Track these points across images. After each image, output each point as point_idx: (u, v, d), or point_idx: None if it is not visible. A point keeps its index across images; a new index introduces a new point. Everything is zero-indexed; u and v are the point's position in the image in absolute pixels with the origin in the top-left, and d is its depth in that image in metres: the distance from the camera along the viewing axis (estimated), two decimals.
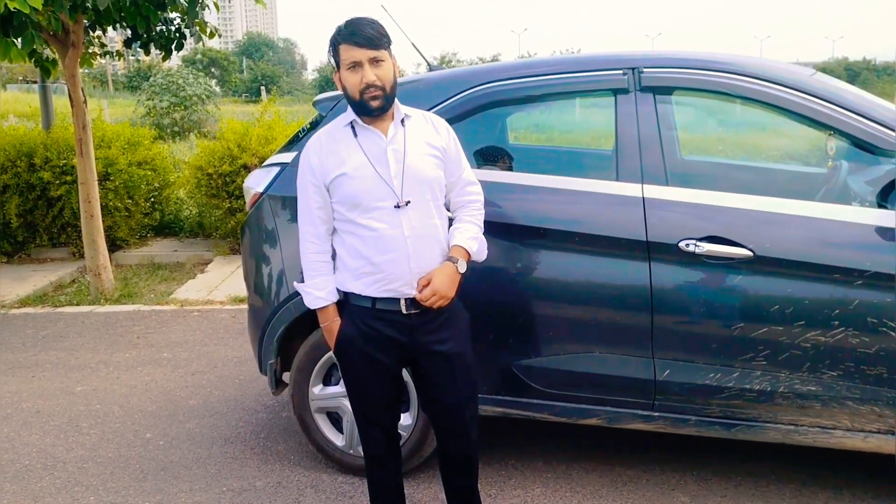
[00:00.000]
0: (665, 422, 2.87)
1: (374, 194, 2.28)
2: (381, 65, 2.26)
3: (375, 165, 2.29)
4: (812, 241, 2.62)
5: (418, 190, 2.32)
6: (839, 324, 2.58)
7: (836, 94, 2.77)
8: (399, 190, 2.29)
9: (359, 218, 2.31)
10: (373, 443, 2.56)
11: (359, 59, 2.23)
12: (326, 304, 2.42)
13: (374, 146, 2.31)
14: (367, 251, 2.31)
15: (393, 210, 2.28)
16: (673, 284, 2.74)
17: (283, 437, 3.61)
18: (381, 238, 2.29)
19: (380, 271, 2.31)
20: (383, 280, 2.32)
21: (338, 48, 2.26)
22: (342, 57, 2.26)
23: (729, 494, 3.02)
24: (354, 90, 2.26)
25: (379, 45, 2.25)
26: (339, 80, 2.32)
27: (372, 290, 2.34)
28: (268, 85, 44.73)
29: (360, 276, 2.34)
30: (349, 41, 2.23)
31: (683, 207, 2.75)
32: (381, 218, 2.29)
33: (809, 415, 2.71)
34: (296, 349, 3.19)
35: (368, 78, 2.23)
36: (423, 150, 2.35)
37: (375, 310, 2.35)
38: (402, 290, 2.32)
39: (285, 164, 3.22)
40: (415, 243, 2.30)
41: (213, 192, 7.18)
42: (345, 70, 2.27)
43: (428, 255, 2.34)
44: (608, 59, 3.00)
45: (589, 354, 2.88)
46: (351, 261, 2.35)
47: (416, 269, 2.31)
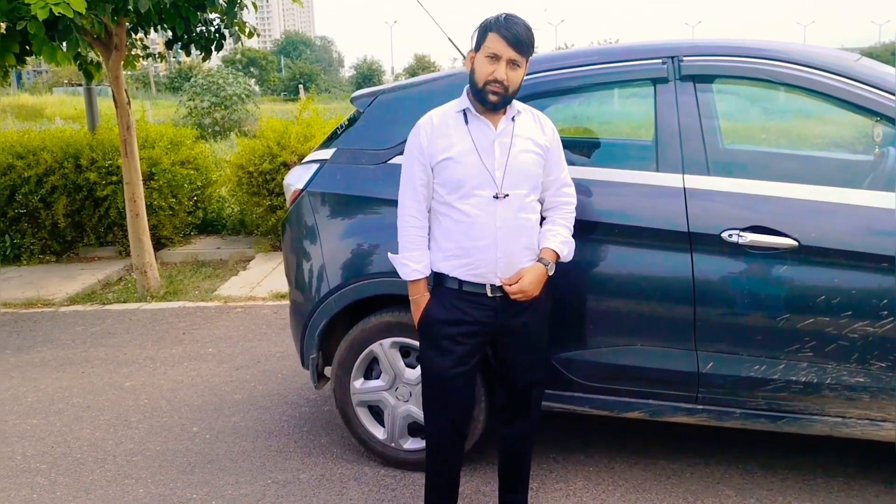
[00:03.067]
0: (709, 415, 2.83)
1: (475, 181, 2.37)
2: (517, 69, 2.36)
3: (481, 154, 2.38)
4: (858, 230, 2.56)
5: (517, 184, 2.40)
6: (888, 314, 2.52)
7: (883, 79, 2.70)
8: (500, 181, 2.37)
9: (457, 202, 2.39)
10: (439, 433, 2.60)
11: (500, 54, 2.32)
12: (420, 276, 2.50)
13: (482, 136, 2.40)
14: (460, 235, 2.41)
15: (490, 200, 2.37)
16: (716, 276, 2.70)
17: (326, 431, 3.65)
18: (475, 225, 2.38)
19: (468, 256, 2.41)
20: (471, 265, 2.41)
21: (486, 34, 2.34)
22: (487, 43, 2.33)
23: (775, 488, 2.98)
24: (481, 78, 2.34)
25: (523, 52, 2.35)
26: (472, 62, 2.40)
27: (459, 272, 2.43)
28: (306, 83, 45.07)
29: (450, 257, 2.44)
30: (501, 33, 2.31)
31: (725, 197, 2.70)
32: (477, 205, 2.37)
33: (858, 407, 2.65)
34: (337, 344, 3.23)
35: (499, 75, 2.32)
36: (527, 147, 2.44)
37: (462, 292, 2.45)
38: (488, 276, 2.42)
39: (324, 160, 3.25)
40: (505, 235, 2.39)
41: (253, 189, 7.27)
42: (483, 56, 2.34)
43: (515, 248, 2.42)
44: (647, 49, 2.97)
45: (630, 347, 2.86)
46: (444, 242, 2.45)
47: (502, 260, 2.40)
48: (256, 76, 60.51)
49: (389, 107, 3.21)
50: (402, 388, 3.11)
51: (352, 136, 3.25)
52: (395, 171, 3.04)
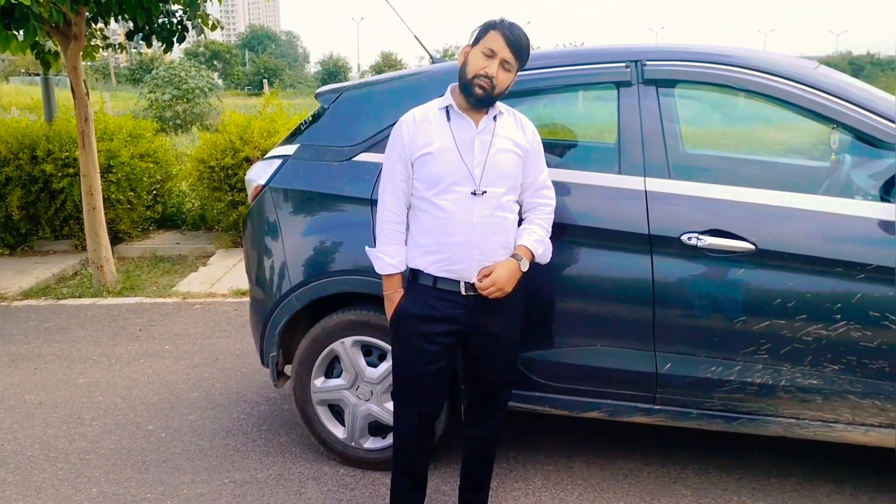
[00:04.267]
0: (666, 415, 2.87)
1: (454, 177, 2.39)
2: (507, 72, 2.41)
3: (461, 151, 2.40)
4: (814, 235, 2.61)
5: (496, 182, 2.42)
6: (841, 317, 2.57)
7: (840, 88, 2.75)
8: (478, 178, 2.39)
9: (435, 198, 2.41)
10: (408, 430, 2.60)
11: (497, 51, 2.36)
12: (395, 271, 2.51)
13: (463, 133, 2.42)
14: (437, 231, 2.42)
15: (468, 196, 2.39)
16: (675, 278, 2.74)
17: (285, 430, 3.61)
18: (451, 220, 2.39)
19: (445, 252, 2.42)
20: (447, 261, 2.42)
21: (488, 31, 2.39)
22: (486, 39, 2.38)
23: (730, 488, 3.03)
24: (472, 70, 2.38)
25: (520, 57, 2.41)
26: (465, 55, 2.43)
27: (435, 268, 2.44)
28: (270, 78, 44.66)
29: (427, 253, 2.45)
30: (503, 33, 2.37)
31: (685, 201, 2.74)
32: (455, 201, 2.39)
33: (811, 408, 2.70)
34: (298, 341, 3.20)
35: (491, 70, 2.35)
36: (507, 147, 2.46)
37: (436, 289, 2.45)
38: (463, 273, 2.43)
39: (287, 156, 3.22)
40: (482, 231, 2.40)
41: (215, 184, 7.18)
42: (479, 50, 2.38)
43: (491, 245, 2.43)
44: (611, 52, 2.99)
45: (591, 348, 2.88)
46: (421, 237, 2.46)
47: (478, 257, 2.41)
48: (220, 69, 59.74)
49: (354, 103, 3.19)
50: (364, 387, 3.09)
51: (316, 132, 3.23)
52: (360, 169, 3.05)
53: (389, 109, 3.04)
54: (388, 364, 3.03)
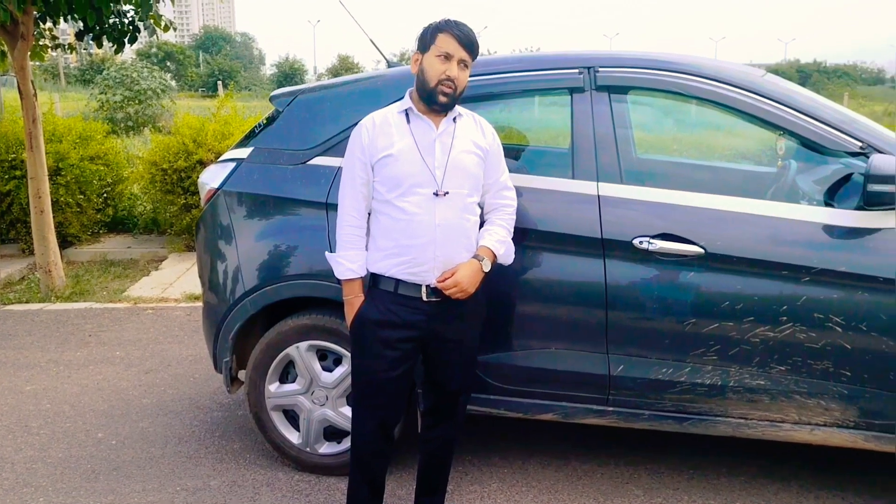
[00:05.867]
0: (619, 416, 2.91)
1: (415, 179, 2.39)
2: (465, 70, 2.42)
3: (422, 152, 2.41)
4: (761, 239, 2.67)
5: (458, 183, 2.43)
6: (787, 319, 2.64)
7: (786, 96, 2.83)
8: (440, 179, 2.39)
9: (396, 200, 2.40)
10: (365, 435, 2.58)
11: (453, 53, 2.37)
12: (355, 276, 2.49)
13: (424, 135, 2.43)
14: (398, 233, 2.41)
15: (430, 197, 2.39)
16: (627, 281, 2.78)
17: (239, 436, 3.57)
18: (413, 222, 2.39)
19: (406, 254, 2.41)
20: (408, 263, 2.41)
21: (437, 34, 2.38)
22: (438, 44, 2.38)
23: (681, 487, 3.08)
24: (433, 77, 2.38)
25: (473, 53, 2.41)
26: (420, 63, 2.43)
27: (396, 271, 2.43)
28: (225, 80, 44.01)
29: (388, 256, 2.43)
30: (452, 33, 2.37)
31: (637, 205, 2.78)
32: (417, 203, 2.39)
33: (759, 408, 2.77)
34: (252, 347, 3.17)
35: (452, 72, 2.37)
36: (468, 148, 2.47)
37: (397, 294, 2.44)
38: (425, 276, 2.42)
39: (241, 159, 3.19)
40: (444, 233, 2.40)
41: (167, 187, 7.07)
42: (433, 56, 2.38)
43: (454, 246, 2.43)
44: (564, 59, 3.03)
45: (545, 350, 2.91)
46: (382, 241, 2.45)
47: (440, 258, 2.40)
48: (173, 71, 58.73)
49: (309, 107, 3.17)
50: (319, 392, 3.07)
51: (270, 135, 3.20)
52: (315, 172, 3.04)
53: (345, 113, 3.03)
54: (343, 369, 3.02)
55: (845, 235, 2.63)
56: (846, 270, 2.58)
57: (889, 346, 2.57)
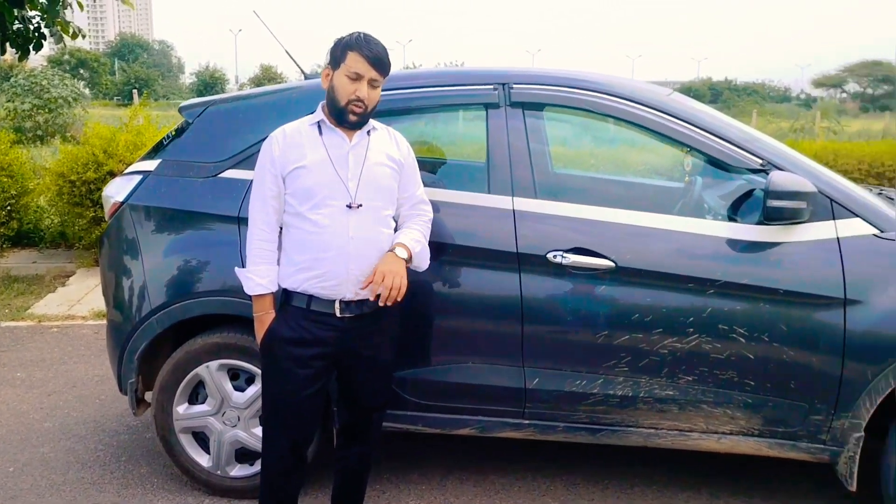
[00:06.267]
0: (535, 429, 2.92)
1: (328, 191, 2.35)
2: (376, 89, 2.39)
3: (335, 164, 2.37)
4: (669, 253, 2.74)
5: (371, 196, 2.39)
6: (693, 330, 2.71)
7: (692, 115, 2.92)
8: (353, 192, 2.36)
9: (308, 213, 2.35)
10: (276, 457, 2.51)
11: (363, 73, 2.34)
12: (266, 292, 2.43)
13: (336, 147, 2.39)
14: (311, 247, 2.36)
15: (343, 210, 2.35)
16: (542, 295, 2.80)
17: (146, 460, 3.43)
18: (326, 235, 2.34)
19: (319, 268, 2.35)
20: (321, 277, 2.36)
21: (347, 52, 2.34)
22: (348, 62, 2.34)
23: (596, 498, 3.12)
24: (343, 97, 2.35)
25: (383, 72, 2.39)
26: (330, 79, 2.39)
27: (309, 285, 2.37)
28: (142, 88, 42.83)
29: (301, 270, 2.38)
30: (362, 53, 2.33)
31: (551, 220, 2.82)
32: (330, 215, 2.34)
33: (668, 418, 2.83)
34: (159, 367, 3.05)
35: (362, 94, 2.34)
36: (381, 161, 2.45)
37: (310, 311, 2.38)
38: (338, 290, 2.37)
39: (148, 172, 3.09)
40: (357, 246, 2.36)
41: (76, 200, 6.79)
42: (343, 74, 2.35)
43: (368, 261, 2.39)
44: (480, 74, 3.05)
45: (463, 365, 2.90)
46: (294, 255, 2.40)
47: (354, 272, 2.36)
48: (87, 78, 56.76)
49: (221, 118, 3.10)
50: (230, 413, 2.98)
51: (179, 147, 3.11)
52: (227, 186, 2.96)
53: (259, 125, 2.97)
54: (256, 388, 2.94)
55: (747, 249, 2.73)
56: (748, 283, 2.67)
57: (790, 355, 2.67)
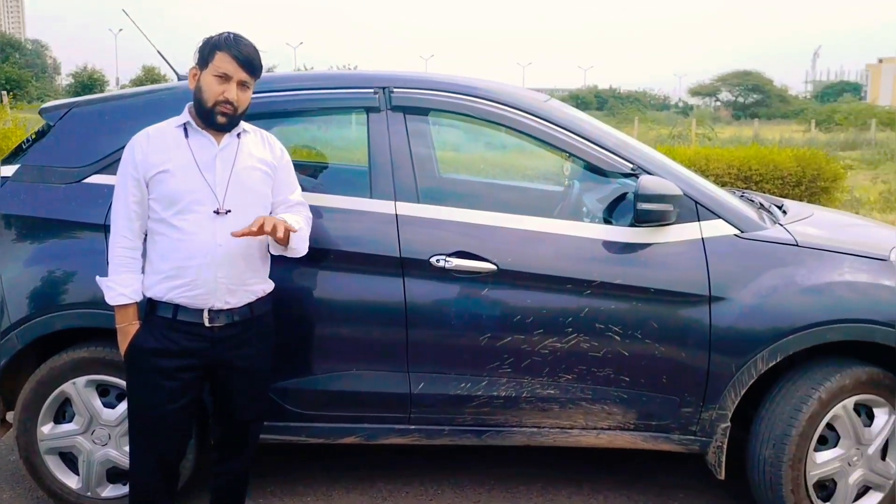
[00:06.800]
0: (420, 434, 2.92)
1: (193, 196, 2.27)
2: (246, 91, 2.33)
3: (201, 168, 2.29)
4: (548, 255, 2.80)
5: (241, 201, 2.32)
6: (572, 330, 2.77)
7: (568, 120, 3.00)
8: (221, 197, 2.28)
9: (173, 219, 2.27)
10: (145, 476, 2.41)
11: (231, 74, 2.26)
12: (129, 301, 2.32)
13: (203, 151, 2.30)
14: (176, 254, 2.28)
15: (210, 216, 2.27)
16: (426, 299, 2.80)
17: (10, 484, 3.20)
18: (192, 242, 2.27)
19: (185, 276, 2.28)
20: (188, 286, 2.28)
21: (215, 52, 2.26)
22: (216, 63, 2.26)
23: (482, 499, 3.15)
24: (210, 98, 2.27)
25: (254, 73, 2.32)
26: (197, 79, 2.31)
27: (175, 294, 2.29)
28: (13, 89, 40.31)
29: (165, 279, 2.29)
30: (231, 53, 2.25)
31: (434, 224, 2.82)
32: (196, 221, 2.27)
33: (550, 416, 2.88)
34: (20, 385, 2.86)
35: (231, 95, 2.26)
36: (252, 164, 2.36)
37: (176, 321, 2.29)
38: (206, 300, 2.28)
39: (5, 177, 2.89)
40: (226, 253, 2.28)
41: None
42: (210, 75, 2.27)
43: (238, 268, 2.32)
44: (360, 78, 3.04)
45: (347, 373, 2.87)
46: (159, 263, 2.31)
47: (222, 281, 2.28)
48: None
49: (85, 121, 2.94)
50: (100, 431, 2.83)
51: (40, 151, 2.93)
52: (92, 192, 2.82)
53: (126, 127, 2.80)
54: (126, 404, 2.80)
55: (621, 250, 2.82)
56: (622, 283, 2.76)
57: (661, 351, 2.78)
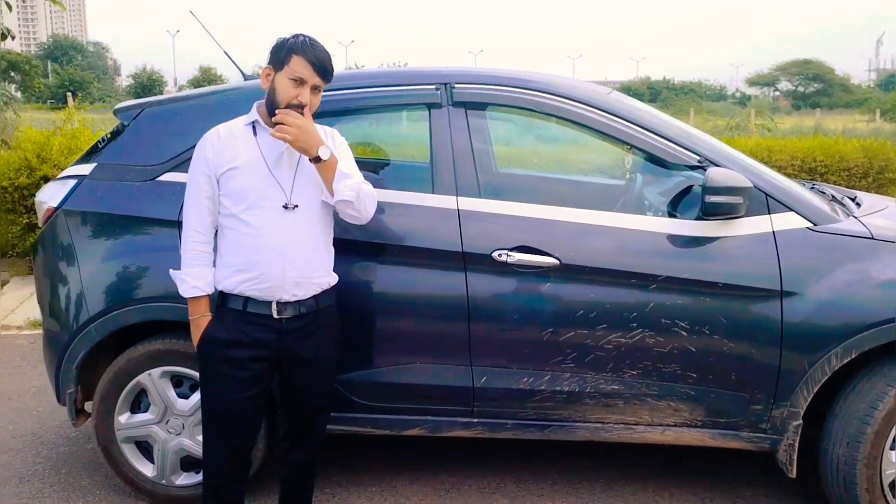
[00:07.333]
0: (484, 427, 2.94)
1: (263, 192, 2.32)
2: (317, 95, 2.38)
3: (270, 165, 2.34)
4: (612, 249, 2.79)
5: (308, 196, 2.38)
6: (637, 325, 2.76)
7: (631, 113, 2.97)
8: (289, 192, 2.34)
9: (243, 214, 2.33)
10: (218, 464, 2.47)
11: (306, 78, 2.31)
12: (201, 294, 2.40)
13: (271, 148, 2.35)
14: (246, 248, 2.33)
15: (279, 211, 2.33)
16: (488, 293, 2.82)
17: (88, 472, 3.33)
18: (261, 236, 2.32)
19: (255, 269, 2.33)
20: (257, 279, 2.33)
21: (291, 55, 2.31)
22: (292, 66, 2.30)
23: (545, 493, 3.15)
24: (284, 100, 2.31)
25: (326, 78, 2.36)
26: (271, 79, 2.35)
27: (245, 288, 2.35)
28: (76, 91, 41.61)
29: (236, 273, 2.35)
30: (307, 58, 2.30)
31: (496, 219, 2.83)
32: (265, 217, 2.32)
33: (614, 412, 2.87)
34: (98, 376, 2.97)
35: (304, 99, 2.31)
36: None
37: (246, 313, 2.35)
38: (275, 292, 2.34)
39: (83, 176, 3.01)
40: (294, 247, 2.34)
41: (8, 206, 6.58)
42: (286, 78, 2.31)
43: (305, 261, 2.37)
44: (422, 74, 3.05)
45: (411, 366, 2.90)
46: (230, 257, 2.37)
47: (290, 274, 2.34)
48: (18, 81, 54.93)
49: (158, 120, 3.04)
50: (174, 421, 2.92)
51: (115, 150, 3.04)
52: (165, 189, 2.91)
53: (198, 126, 2.87)
54: (199, 395, 2.89)
55: (688, 244, 2.79)
56: (689, 277, 2.73)
57: (730, 347, 2.74)
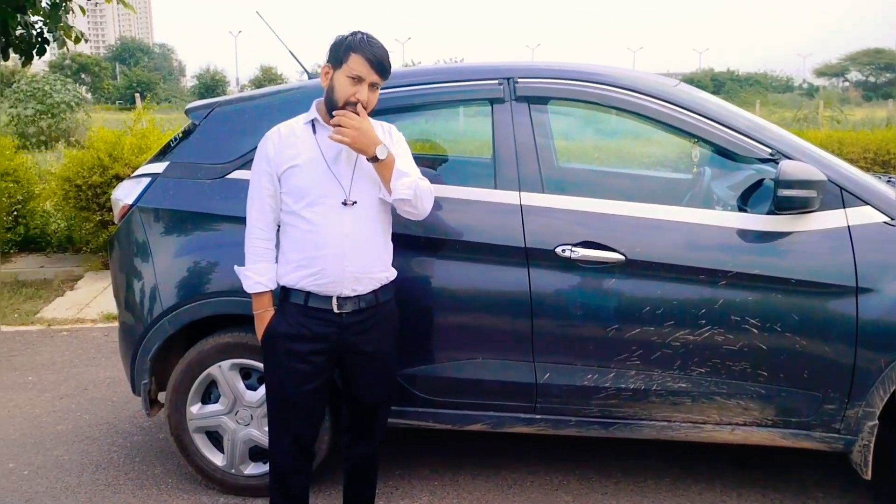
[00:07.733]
0: (547, 424, 2.92)
1: (322, 189, 2.36)
2: (375, 92, 2.39)
3: (329, 162, 2.37)
4: (679, 244, 2.74)
5: (366, 192, 2.40)
6: (706, 322, 2.70)
7: (699, 105, 2.91)
8: (348, 189, 2.36)
9: (303, 211, 2.36)
10: (282, 454, 2.53)
11: (364, 76, 2.33)
12: (264, 289, 2.46)
13: (330, 145, 2.37)
14: (307, 244, 2.37)
15: (338, 207, 2.35)
16: (551, 289, 2.80)
17: (160, 460, 3.44)
18: (321, 233, 2.35)
19: (315, 265, 2.36)
20: (317, 275, 2.37)
21: (349, 53, 2.33)
22: (350, 63, 2.33)
23: (609, 492, 3.12)
24: (342, 98, 2.34)
25: (384, 75, 2.38)
26: (330, 77, 2.38)
27: (306, 283, 2.38)
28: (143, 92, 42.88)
29: (297, 268, 2.39)
30: (365, 55, 2.32)
31: (559, 214, 2.81)
32: (324, 213, 2.35)
33: (681, 411, 2.82)
34: (171, 367, 3.06)
35: (362, 97, 2.33)
36: None
37: (308, 307, 2.40)
38: (335, 288, 2.38)
39: (156, 174, 3.09)
40: (353, 242, 2.36)
41: (82, 204, 6.81)
42: (344, 76, 2.34)
43: (364, 257, 2.40)
44: (484, 70, 3.04)
45: (472, 361, 2.90)
46: (291, 253, 2.41)
47: (350, 269, 2.37)
48: (88, 83, 56.93)
49: (227, 119, 3.10)
50: (243, 412, 2.99)
51: (187, 148, 3.12)
52: (234, 186, 2.96)
53: (265, 125, 2.92)
54: None
55: (759, 239, 2.72)
56: (760, 273, 2.67)
57: (802, 345, 2.67)
